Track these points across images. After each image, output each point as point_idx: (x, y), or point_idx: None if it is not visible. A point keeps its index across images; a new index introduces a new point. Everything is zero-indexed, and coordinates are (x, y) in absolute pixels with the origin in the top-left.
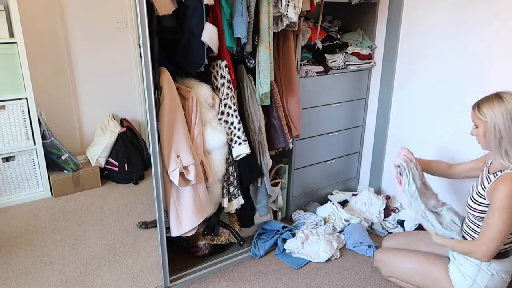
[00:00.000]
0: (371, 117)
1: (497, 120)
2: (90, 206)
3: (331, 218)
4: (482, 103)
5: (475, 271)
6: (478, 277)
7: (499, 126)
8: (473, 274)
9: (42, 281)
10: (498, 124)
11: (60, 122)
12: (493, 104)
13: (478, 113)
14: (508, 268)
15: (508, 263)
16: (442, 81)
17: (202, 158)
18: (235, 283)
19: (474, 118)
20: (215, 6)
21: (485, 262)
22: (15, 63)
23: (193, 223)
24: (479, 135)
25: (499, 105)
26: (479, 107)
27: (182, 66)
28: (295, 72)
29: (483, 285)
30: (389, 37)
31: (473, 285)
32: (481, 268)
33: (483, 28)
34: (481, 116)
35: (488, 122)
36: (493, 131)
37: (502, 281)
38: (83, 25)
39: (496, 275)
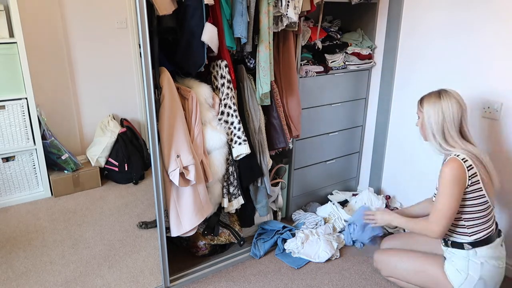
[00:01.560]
0: (371, 117)
1: (429, 115)
2: (90, 206)
3: (331, 218)
4: (424, 97)
5: (466, 263)
6: (470, 269)
7: (431, 120)
8: (464, 267)
9: (42, 281)
10: (430, 118)
11: (60, 122)
12: (431, 100)
13: (419, 105)
14: (495, 254)
15: (495, 249)
16: (442, 81)
17: (202, 158)
18: (235, 283)
19: (417, 110)
20: (215, 6)
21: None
22: (15, 63)
23: (193, 223)
24: (419, 126)
25: (434, 102)
26: (421, 100)
27: (182, 66)
28: (295, 72)
29: (477, 276)
30: (389, 37)
31: (467, 278)
32: (470, 259)
33: (483, 28)
34: (420, 108)
35: (424, 115)
36: (427, 124)
37: (495, 269)
38: (83, 25)
39: (486, 263)
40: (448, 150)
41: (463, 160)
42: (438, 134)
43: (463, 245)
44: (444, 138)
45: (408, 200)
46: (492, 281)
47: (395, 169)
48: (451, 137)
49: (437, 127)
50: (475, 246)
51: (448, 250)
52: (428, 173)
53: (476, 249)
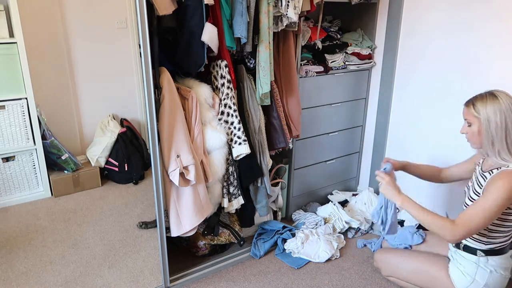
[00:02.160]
0: (371, 117)
1: (490, 118)
2: (90, 206)
3: (331, 219)
4: (476, 100)
5: (474, 269)
6: (477, 275)
7: (492, 124)
8: (472, 272)
9: (42, 281)
10: (491, 122)
11: (60, 122)
12: (487, 101)
13: (472, 110)
14: (505, 265)
15: (506, 260)
16: (442, 81)
17: (202, 158)
18: (235, 283)
19: (466, 115)
20: (215, 6)
21: (483, 259)
22: (15, 63)
23: (193, 223)
24: (472, 133)
25: (492, 103)
26: (473, 104)
27: (182, 66)
28: (295, 72)
29: (483, 282)
30: (389, 37)
31: (473, 283)
32: (480, 266)
33: (483, 28)
34: (475, 113)
35: (482, 119)
36: (486, 129)
37: (501, 278)
38: (83, 25)
39: (495, 272)
40: (506, 159)
41: None
42: (499, 141)
43: (476, 251)
44: (507, 146)
45: None
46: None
47: None
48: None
49: (499, 133)
50: (488, 255)
51: (458, 252)
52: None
53: (488, 257)
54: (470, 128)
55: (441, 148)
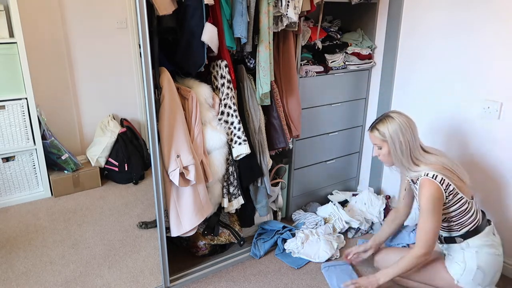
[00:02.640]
0: (371, 117)
1: (394, 138)
2: (90, 206)
3: (331, 219)
4: (378, 125)
5: (461, 255)
6: (466, 260)
7: (397, 144)
8: (461, 258)
9: (42, 281)
10: (396, 142)
11: (60, 122)
12: (388, 124)
13: (377, 134)
14: (488, 242)
15: (487, 237)
16: (442, 81)
17: (202, 158)
18: (235, 283)
19: (374, 140)
20: (215, 6)
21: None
22: (15, 63)
23: (193, 223)
24: (384, 155)
25: (392, 124)
26: (377, 128)
27: (182, 66)
28: (295, 72)
29: (475, 265)
30: (389, 37)
31: (466, 268)
32: (465, 250)
33: (483, 28)
34: (381, 136)
35: (388, 141)
36: (393, 149)
37: (491, 256)
38: (83, 25)
39: (480, 251)
40: (416, 170)
41: (434, 177)
42: (405, 156)
43: (455, 238)
44: (411, 159)
45: None
46: (491, 270)
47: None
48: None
49: (404, 149)
50: (466, 238)
51: (444, 246)
52: None
53: (467, 240)
54: (380, 151)
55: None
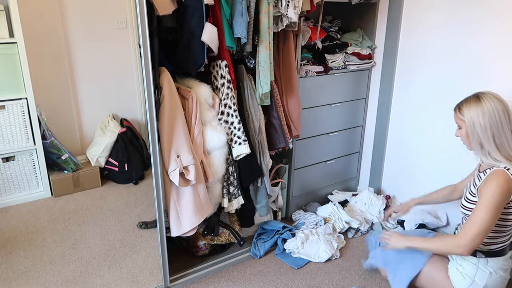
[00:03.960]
0: (371, 117)
1: (474, 120)
2: (90, 206)
3: (331, 219)
4: (462, 104)
5: (474, 271)
6: (477, 276)
7: (477, 126)
8: (471, 273)
9: (42, 281)
10: (475, 124)
11: (60, 122)
12: (471, 104)
13: (458, 114)
14: (505, 266)
15: (506, 261)
16: (442, 81)
17: (202, 158)
18: (235, 283)
19: (456, 119)
20: (215, 6)
21: (482, 261)
22: (15, 63)
23: (193, 223)
24: (462, 136)
25: (476, 106)
26: (460, 108)
27: (182, 66)
28: (295, 72)
29: (482, 284)
30: (389, 37)
31: (472, 284)
32: (479, 267)
33: (483, 29)
34: (461, 116)
35: (467, 122)
36: (472, 131)
37: (501, 279)
38: (83, 25)
39: (495, 273)
40: (496, 159)
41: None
42: (486, 142)
43: (476, 253)
44: (496, 146)
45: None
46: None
47: (395, 169)
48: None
49: (485, 134)
50: (488, 256)
51: None
52: (428, 173)
53: (488, 258)
54: (460, 131)
55: (441, 148)
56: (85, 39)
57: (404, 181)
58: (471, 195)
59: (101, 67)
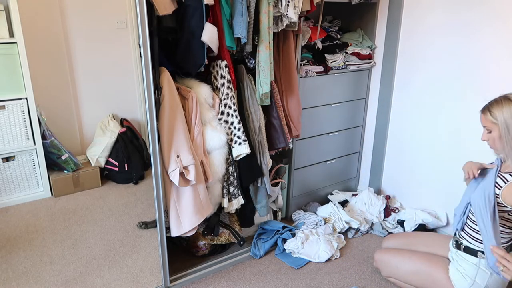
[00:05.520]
0: (371, 117)
1: (508, 122)
2: (90, 206)
3: (331, 219)
4: (492, 106)
5: (475, 271)
6: (477, 277)
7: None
8: (472, 274)
9: (42, 281)
10: (509, 126)
11: (60, 122)
12: (503, 106)
13: (490, 116)
14: None
15: None
16: (442, 81)
17: (202, 158)
18: (235, 283)
19: (484, 122)
20: (215, 6)
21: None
22: (15, 63)
23: (193, 223)
24: (494, 139)
25: (509, 107)
26: (490, 110)
27: (182, 66)
28: (295, 72)
29: (483, 284)
30: (389, 37)
31: (473, 285)
32: (480, 268)
33: (483, 29)
34: (493, 119)
35: (500, 125)
36: (505, 134)
37: (501, 280)
38: (83, 25)
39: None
40: None
41: None
42: None
43: (477, 253)
44: None
45: (408, 200)
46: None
47: (395, 169)
48: None
49: None
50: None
51: (458, 253)
52: (428, 173)
53: None
54: (490, 135)
55: (441, 148)
56: (85, 39)
57: (404, 181)
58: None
59: (101, 67)
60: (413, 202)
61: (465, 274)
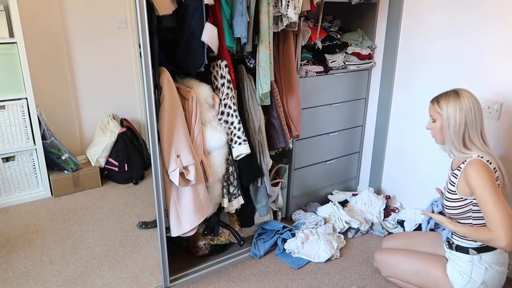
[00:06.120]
0: (371, 117)
1: (450, 115)
2: (90, 206)
3: (331, 219)
4: (441, 97)
5: (470, 268)
6: (473, 273)
7: (451, 122)
8: (468, 270)
9: (42, 281)
10: (451, 119)
11: (60, 122)
12: (450, 99)
13: (436, 106)
14: (501, 260)
15: (500, 255)
16: (442, 81)
17: (202, 158)
18: (235, 283)
19: (431, 112)
20: (215, 6)
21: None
22: (15, 63)
23: (193, 223)
24: (435, 129)
25: (454, 101)
26: (438, 101)
27: (182, 66)
28: (295, 72)
29: (480, 280)
30: (389, 37)
31: (470, 281)
32: (474, 264)
33: (483, 29)
34: (439, 109)
35: (443, 116)
36: (446, 126)
37: (498, 274)
38: (83, 25)
39: (490, 268)
40: (466, 152)
41: (488, 162)
42: (457, 137)
43: (468, 250)
44: (462, 141)
45: (408, 200)
46: (493, 286)
47: (395, 169)
48: (470, 141)
49: (457, 129)
50: (480, 252)
51: (452, 252)
52: (428, 173)
53: (481, 254)
54: (434, 124)
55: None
56: (85, 39)
57: (404, 181)
58: (450, 193)
59: (101, 67)
60: (413, 202)
61: (462, 272)
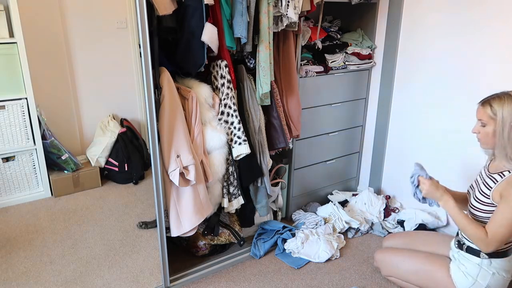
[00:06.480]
0: (371, 117)
1: (506, 120)
2: (90, 206)
3: (331, 219)
4: (494, 101)
5: (477, 271)
6: (479, 277)
7: (507, 127)
8: (474, 273)
9: (42, 281)
10: (506, 124)
11: (60, 122)
12: (505, 102)
13: (489, 110)
14: (508, 267)
15: (509, 262)
16: (442, 81)
17: (202, 158)
18: (235, 283)
19: (481, 115)
20: (215, 6)
21: (486, 261)
22: (15, 63)
23: (193, 223)
24: (486, 134)
25: (510, 104)
26: (491, 104)
27: (182, 66)
28: (295, 72)
29: (485, 284)
30: (389, 37)
31: (474, 284)
32: (482, 268)
33: (483, 29)
34: (492, 114)
35: (498, 121)
36: (500, 131)
37: (503, 280)
38: (83, 25)
39: (497, 274)
40: None
41: None
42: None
43: (480, 253)
44: None
45: (408, 200)
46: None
47: (395, 169)
48: None
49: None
50: (492, 257)
51: (461, 253)
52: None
53: (491, 259)
54: (483, 129)
55: (441, 148)
56: (85, 39)
57: (404, 181)
58: (482, 195)
59: (101, 67)
60: (413, 202)
61: (467, 273)
